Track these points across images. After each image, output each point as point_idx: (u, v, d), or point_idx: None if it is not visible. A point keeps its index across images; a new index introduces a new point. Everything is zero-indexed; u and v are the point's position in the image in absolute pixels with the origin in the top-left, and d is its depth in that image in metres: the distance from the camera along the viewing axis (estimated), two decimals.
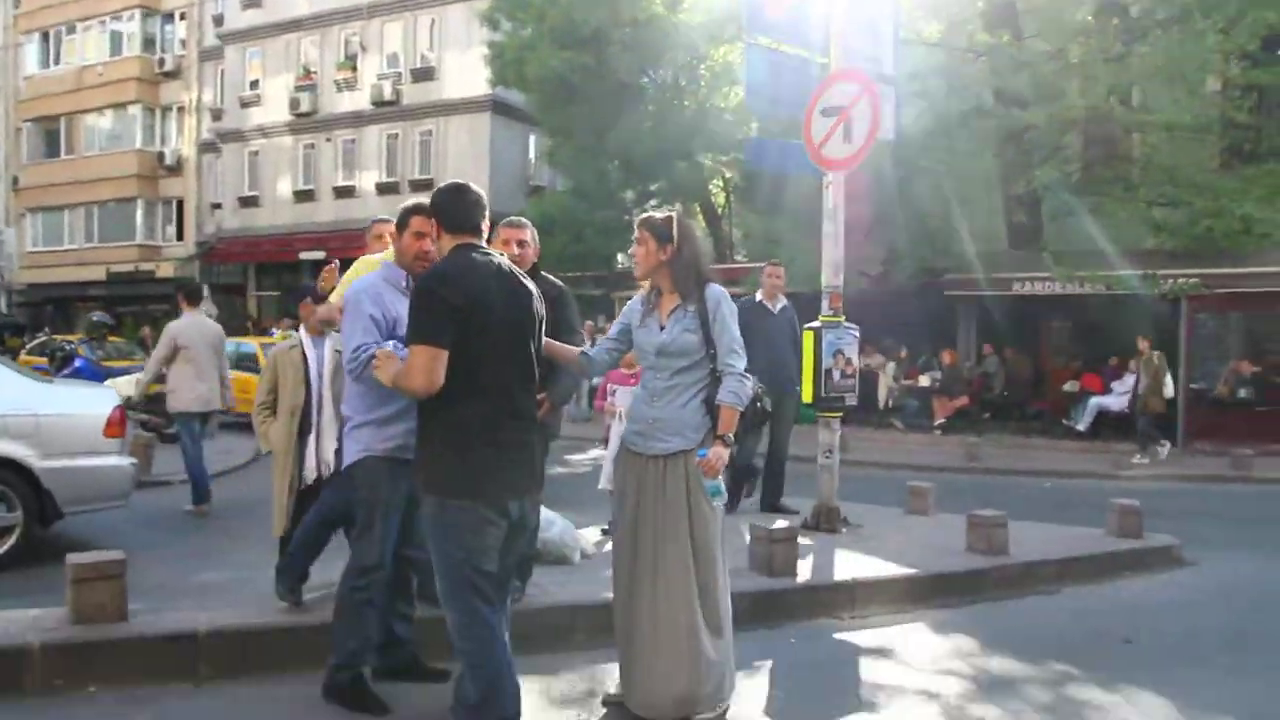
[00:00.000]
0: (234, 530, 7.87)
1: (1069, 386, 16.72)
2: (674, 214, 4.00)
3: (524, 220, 4.93)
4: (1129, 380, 15.72)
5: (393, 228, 4.11)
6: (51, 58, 34.17)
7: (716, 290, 3.96)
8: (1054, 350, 18.69)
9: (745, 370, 3.93)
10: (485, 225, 3.51)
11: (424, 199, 3.79)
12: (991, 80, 16.39)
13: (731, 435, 3.90)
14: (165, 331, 8.64)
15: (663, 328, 3.93)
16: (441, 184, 3.61)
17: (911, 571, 6.03)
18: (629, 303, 4.21)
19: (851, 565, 6.10)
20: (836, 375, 6.96)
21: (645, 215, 4.09)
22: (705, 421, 3.88)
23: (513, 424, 3.35)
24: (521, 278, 3.49)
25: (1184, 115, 14.86)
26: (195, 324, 8.58)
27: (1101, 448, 14.80)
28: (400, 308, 3.74)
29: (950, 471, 12.56)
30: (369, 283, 3.92)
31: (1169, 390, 14.00)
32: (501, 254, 3.55)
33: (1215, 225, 14.17)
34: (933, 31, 18.69)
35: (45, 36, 34.18)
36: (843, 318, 7.09)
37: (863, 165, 15.88)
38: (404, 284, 3.90)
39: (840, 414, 7.16)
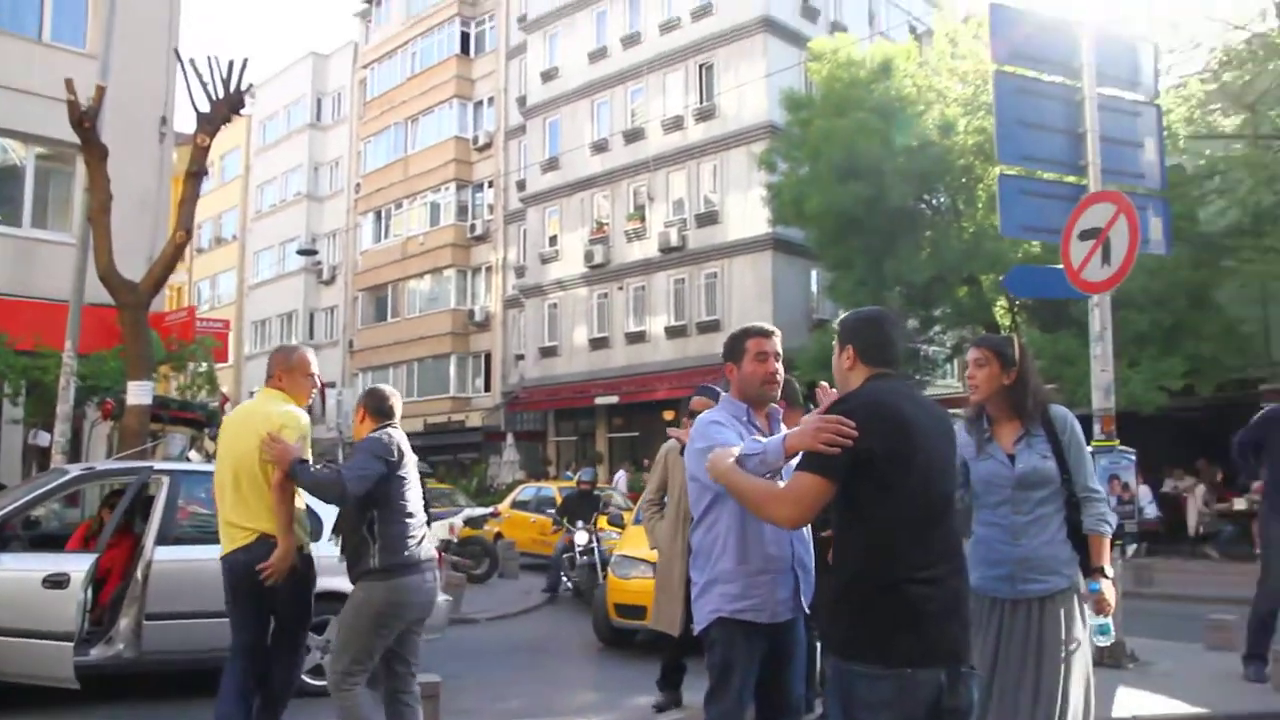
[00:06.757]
0: (534, 663, 8.60)
1: None
2: (1015, 336, 3.79)
3: None
4: None
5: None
6: (382, 232, 38.98)
7: (1062, 410, 3.71)
8: None
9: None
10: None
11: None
12: None
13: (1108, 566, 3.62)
14: None
15: (1012, 457, 3.63)
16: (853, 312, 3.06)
17: (1201, 710, 5.60)
18: None
19: (1133, 702, 5.73)
20: (1113, 502, 6.66)
21: (986, 336, 3.90)
22: (1074, 555, 3.60)
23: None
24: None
25: None
26: None
27: None
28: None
29: None
30: (709, 416, 3.56)
31: None
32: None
33: None
34: (1230, 122, 17.56)
35: (378, 215, 39.14)
36: (1116, 441, 6.82)
37: (1155, 274, 15.30)
38: (745, 417, 3.53)
39: (1118, 542, 6.80)
